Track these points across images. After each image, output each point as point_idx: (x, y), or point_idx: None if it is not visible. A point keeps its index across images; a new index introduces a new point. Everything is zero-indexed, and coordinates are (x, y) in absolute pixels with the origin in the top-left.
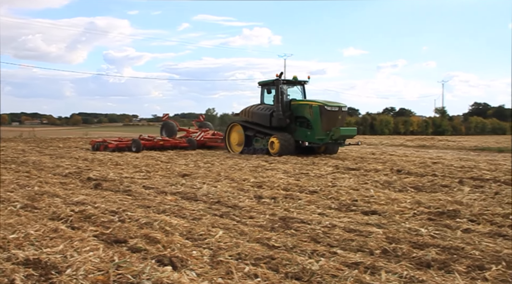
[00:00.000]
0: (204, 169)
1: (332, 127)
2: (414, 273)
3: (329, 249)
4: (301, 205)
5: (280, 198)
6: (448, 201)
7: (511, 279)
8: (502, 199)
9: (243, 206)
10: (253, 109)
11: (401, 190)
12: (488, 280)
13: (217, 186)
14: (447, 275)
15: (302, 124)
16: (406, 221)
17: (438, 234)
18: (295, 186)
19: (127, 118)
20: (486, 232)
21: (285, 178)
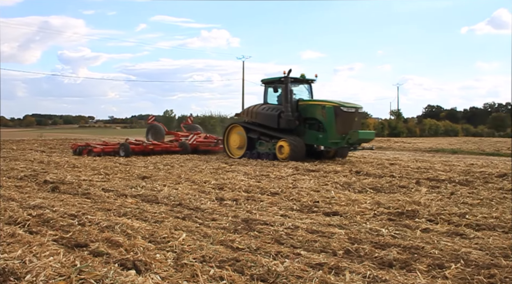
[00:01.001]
0: (164, 171)
1: (347, 130)
2: (377, 273)
3: (293, 250)
4: (263, 207)
5: (242, 200)
6: (406, 201)
7: (470, 277)
8: (458, 199)
9: (205, 208)
10: (258, 110)
11: (360, 191)
12: (448, 278)
13: (178, 188)
14: (409, 274)
15: (312, 126)
16: (367, 221)
17: (398, 234)
18: (256, 188)
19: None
20: (444, 232)
21: (246, 179)
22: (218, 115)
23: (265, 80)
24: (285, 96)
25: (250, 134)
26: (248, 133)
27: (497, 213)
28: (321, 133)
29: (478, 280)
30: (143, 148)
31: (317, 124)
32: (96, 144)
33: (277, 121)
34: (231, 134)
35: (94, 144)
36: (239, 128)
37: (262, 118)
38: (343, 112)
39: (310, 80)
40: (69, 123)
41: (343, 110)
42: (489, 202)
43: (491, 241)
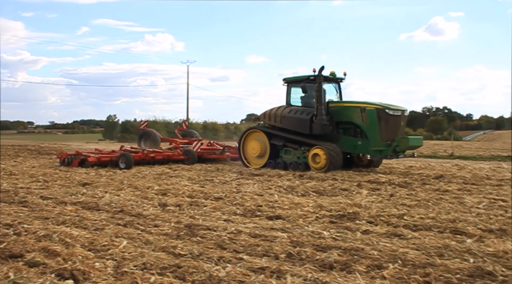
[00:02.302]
0: (106, 177)
1: (393, 136)
2: (318, 275)
3: (235, 255)
4: (207, 212)
5: (185, 205)
6: (348, 204)
7: (407, 277)
8: (397, 200)
9: (148, 215)
10: (284, 113)
11: (303, 194)
12: (386, 279)
13: (120, 195)
14: (348, 275)
15: (347, 131)
16: (309, 224)
17: (339, 236)
18: (200, 193)
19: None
20: (383, 233)
21: (190, 185)
22: (162, 120)
23: (289, 79)
24: (319, 97)
25: (274, 141)
26: (271, 139)
27: (434, 213)
28: (359, 139)
29: (414, 279)
30: (144, 157)
31: (353, 129)
32: (90, 153)
33: (309, 126)
34: (248, 141)
35: (87, 153)
36: (259, 134)
37: (290, 123)
38: (388, 116)
39: (339, 79)
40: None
41: (388, 114)
42: (426, 202)
43: (427, 241)
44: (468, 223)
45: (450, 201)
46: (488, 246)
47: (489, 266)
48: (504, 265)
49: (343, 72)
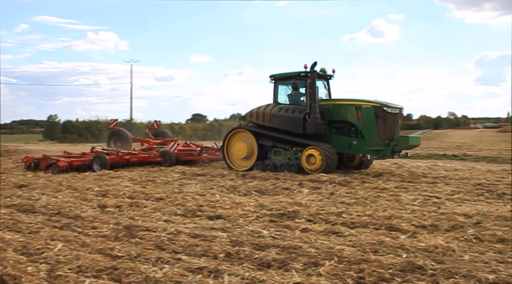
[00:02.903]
0: (44, 178)
1: (391, 135)
2: (255, 274)
3: (174, 256)
4: (147, 213)
5: (125, 206)
6: (288, 202)
7: (342, 273)
8: (337, 199)
9: (86, 216)
10: (273, 111)
11: (245, 194)
12: (322, 275)
13: (57, 197)
14: (285, 273)
15: (340, 131)
16: (249, 223)
17: (278, 234)
18: (141, 194)
19: None
20: (321, 231)
21: (131, 185)
22: (105, 120)
23: (277, 76)
24: (312, 94)
25: (263, 142)
26: (260, 140)
27: (371, 211)
28: (354, 139)
29: (349, 275)
30: (118, 159)
31: (347, 129)
32: (59, 156)
33: (302, 126)
34: (233, 142)
35: (56, 156)
36: (246, 134)
37: (280, 122)
38: (386, 114)
39: (328, 76)
40: None
41: (386, 112)
42: (364, 200)
43: (363, 238)
44: (403, 219)
45: (387, 199)
46: (420, 241)
47: (420, 260)
48: (434, 259)
49: (331, 69)
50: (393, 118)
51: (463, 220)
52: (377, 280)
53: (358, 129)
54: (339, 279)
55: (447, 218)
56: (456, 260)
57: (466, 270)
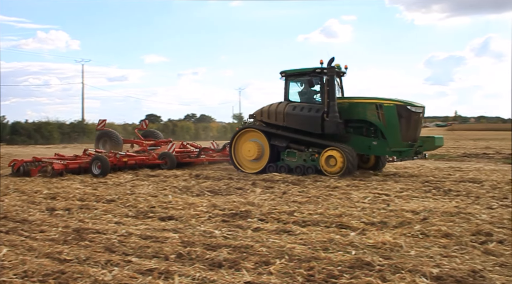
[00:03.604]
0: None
1: (414, 135)
2: (206, 274)
3: (124, 258)
4: (97, 215)
5: (75, 209)
6: (241, 202)
7: (292, 271)
8: (289, 198)
9: (34, 220)
10: (288, 110)
11: (198, 194)
12: (273, 274)
13: (4, 200)
14: (236, 272)
15: (358, 131)
16: (201, 224)
17: (230, 234)
18: (91, 196)
19: None
20: (273, 229)
21: (82, 187)
22: (56, 121)
23: (289, 72)
24: (331, 92)
25: (276, 142)
26: (272, 140)
27: (322, 209)
28: (374, 139)
29: (299, 273)
30: (116, 161)
31: (365, 128)
32: (52, 159)
33: (320, 125)
34: (242, 143)
35: (49, 159)
36: (256, 134)
37: (296, 121)
38: (410, 113)
39: (342, 72)
40: None
41: (410, 111)
42: (316, 199)
43: (314, 236)
44: (353, 217)
45: (338, 197)
46: (369, 238)
47: (368, 257)
48: (382, 255)
49: (344, 66)
50: (416, 117)
51: (411, 216)
52: (327, 277)
53: (378, 130)
54: (289, 277)
55: (395, 215)
56: (403, 256)
57: (412, 265)
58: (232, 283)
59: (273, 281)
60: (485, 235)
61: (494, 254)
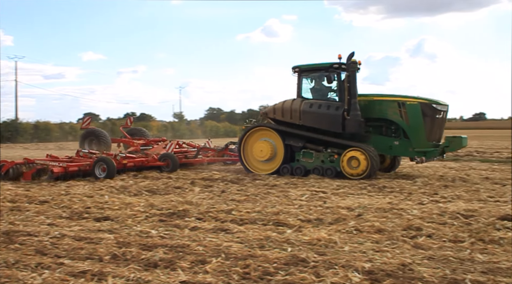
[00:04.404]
0: None
1: (439, 135)
2: (141, 275)
3: (56, 260)
4: (29, 217)
5: (5, 211)
6: (179, 201)
7: (228, 269)
8: (227, 196)
9: None
10: (304, 107)
11: (136, 194)
12: (209, 273)
13: None
14: (172, 272)
15: (377, 130)
16: (138, 224)
17: (167, 234)
18: (23, 197)
19: None
20: (210, 228)
21: (13, 189)
22: None
23: (303, 67)
24: (352, 89)
25: (291, 142)
26: (287, 140)
27: (260, 207)
28: (396, 139)
29: (235, 271)
30: (116, 163)
31: (386, 127)
32: (47, 161)
33: (341, 124)
34: (251, 143)
35: (44, 161)
36: (267, 133)
37: (314, 120)
38: (435, 112)
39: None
40: None
41: (435, 109)
42: (254, 197)
43: (251, 234)
44: (290, 214)
45: (276, 195)
46: (305, 235)
47: (303, 253)
48: (317, 251)
49: (358, 61)
50: (441, 116)
51: (346, 213)
52: (262, 274)
53: (400, 129)
54: (225, 276)
55: (331, 212)
56: (337, 251)
57: (345, 261)
58: (167, 283)
59: (209, 280)
60: (415, 230)
61: (423, 247)
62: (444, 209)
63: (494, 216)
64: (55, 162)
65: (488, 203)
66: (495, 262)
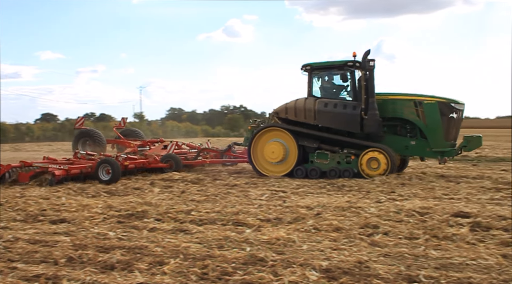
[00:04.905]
0: None
1: (456, 135)
2: (97, 277)
3: (9, 264)
4: None
5: None
6: (138, 202)
7: (186, 270)
8: (187, 197)
9: None
10: (319, 106)
11: (94, 195)
12: (166, 274)
13: None
14: (129, 274)
15: (391, 129)
16: (95, 226)
17: (125, 235)
18: None
19: None
20: (169, 229)
21: None
22: None
23: (315, 65)
24: (370, 88)
25: (305, 142)
26: (301, 140)
27: (220, 207)
28: (412, 139)
29: (193, 271)
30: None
31: (400, 127)
32: (46, 163)
33: (359, 124)
34: (261, 144)
35: (43, 163)
36: (279, 133)
37: (329, 119)
38: (453, 111)
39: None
40: None
41: (453, 108)
42: (214, 197)
43: (210, 234)
44: (250, 214)
45: (236, 195)
46: (264, 234)
47: (261, 253)
48: (275, 251)
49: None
50: (458, 115)
51: (305, 212)
52: (220, 274)
53: (416, 128)
54: (183, 276)
55: (290, 211)
56: (296, 250)
57: (303, 259)
58: None
59: (166, 281)
60: (372, 228)
61: (380, 245)
62: (400, 207)
63: (448, 213)
64: (55, 164)
65: (442, 200)
66: (448, 258)
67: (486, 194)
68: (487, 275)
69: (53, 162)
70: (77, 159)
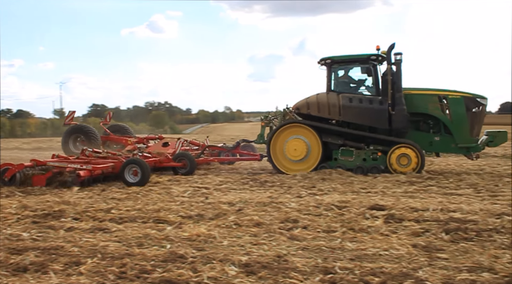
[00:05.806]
0: None
1: (479, 130)
2: (8, 280)
3: None
4: None
5: None
6: (56, 202)
7: (104, 269)
8: (108, 195)
9: None
10: (343, 102)
11: (8, 195)
12: (83, 274)
13: None
14: (43, 276)
15: (415, 125)
16: (8, 227)
17: (40, 236)
18: None
19: None
20: (88, 228)
21: None
22: None
23: (336, 59)
24: (397, 82)
25: (329, 139)
26: (324, 137)
27: (141, 205)
28: (436, 135)
29: (111, 271)
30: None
31: (424, 122)
32: (68, 162)
33: (387, 120)
34: (281, 141)
35: (59, 162)
36: (300, 130)
37: (356, 115)
38: (478, 106)
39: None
40: None
41: (479, 103)
42: (136, 195)
43: (130, 232)
44: (171, 211)
45: (158, 192)
46: (185, 231)
47: (181, 250)
48: (196, 247)
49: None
50: (483, 110)
51: (227, 208)
52: (139, 273)
53: (440, 124)
54: (100, 276)
55: (212, 207)
56: (216, 246)
57: (223, 255)
58: None
59: (83, 281)
60: (292, 222)
61: (298, 239)
62: (320, 201)
63: (364, 206)
64: (73, 163)
65: (360, 194)
66: (362, 249)
67: (400, 187)
68: (398, 264)
69: (71, 161)
70: (85, 157)
